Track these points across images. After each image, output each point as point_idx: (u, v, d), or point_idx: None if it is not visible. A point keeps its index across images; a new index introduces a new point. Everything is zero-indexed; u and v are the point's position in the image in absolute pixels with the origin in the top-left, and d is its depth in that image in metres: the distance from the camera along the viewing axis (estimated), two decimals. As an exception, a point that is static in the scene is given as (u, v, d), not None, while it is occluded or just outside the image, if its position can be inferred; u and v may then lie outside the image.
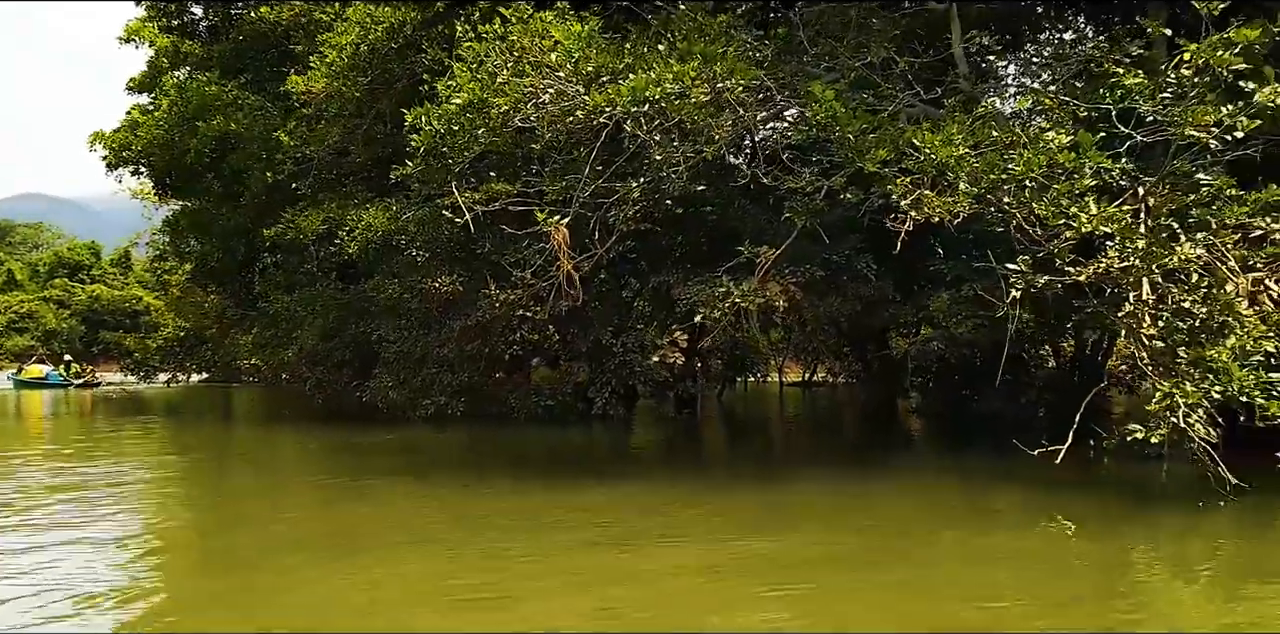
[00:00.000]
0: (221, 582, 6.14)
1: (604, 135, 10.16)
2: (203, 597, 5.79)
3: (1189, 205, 8.92)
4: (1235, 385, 7.26)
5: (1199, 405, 7.42)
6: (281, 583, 5.93)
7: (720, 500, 9.42)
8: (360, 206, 15.97)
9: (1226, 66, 8.60)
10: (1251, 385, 7.23)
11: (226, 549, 7.28)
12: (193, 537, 8.02)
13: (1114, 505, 8.37)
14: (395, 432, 16.29)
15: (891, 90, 11.49)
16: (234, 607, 5.40)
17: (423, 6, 15.49)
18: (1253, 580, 5.94)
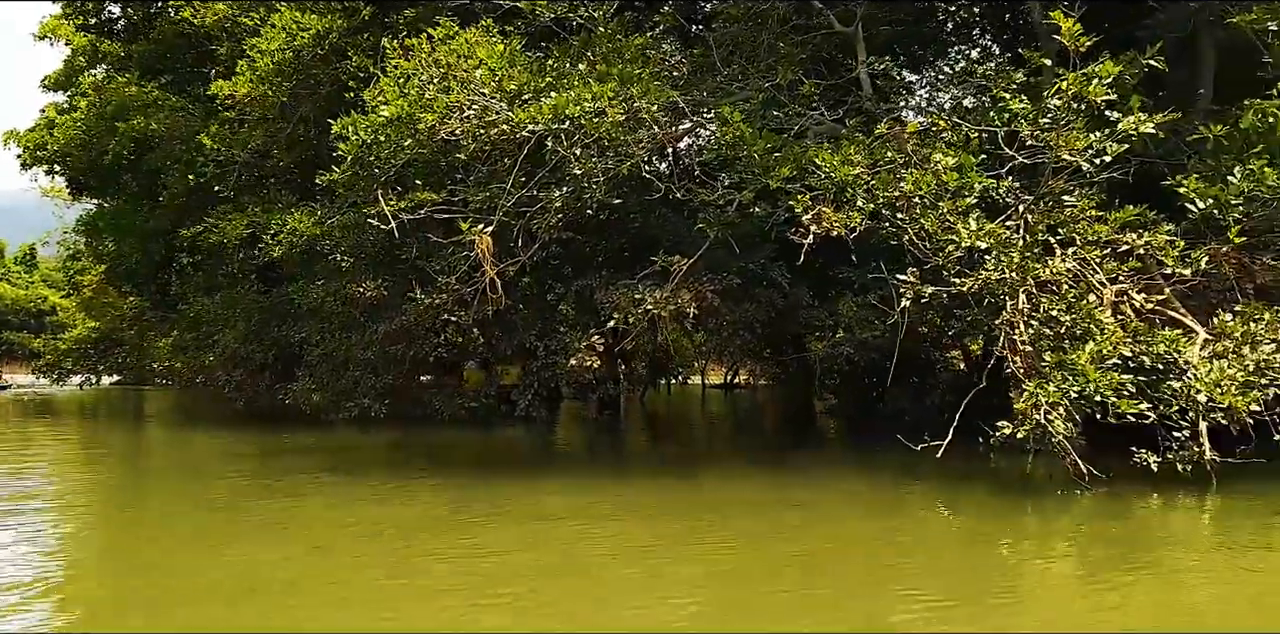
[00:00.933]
0: (123, 580, 6.33)
1: (526, 148, 10.76)
2: (105, 595, 5.98)
3: (1060, 223, 9.88)
4: (1091, 386, 8.21)
5: (1059, 404, 8.36)
6: (178, 582, 6.11)
7: (633, 494, 10.10)
8: (284, 210, 16.24)
9: (1095, 97, 9.58)
10: (1105, 386, 8.19)
11: (131, 548, 7.48)
12: (101, 536, 8.19)
13: (986, 495, 9.26)
14: (317, 434, 16.60)
15: (799, 110, 12.34)
16: (132, 605, 5.61)
17: (348, 15, 15.89)
18: (1098, 560, 6.81)
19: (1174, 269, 9.55)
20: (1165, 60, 13.35)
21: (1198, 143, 11.05)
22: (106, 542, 7.98)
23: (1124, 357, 8.66)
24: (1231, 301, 10.27)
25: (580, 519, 8.38)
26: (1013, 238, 9.92)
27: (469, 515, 8.59)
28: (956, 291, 9.84)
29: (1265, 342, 8.94)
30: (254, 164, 17.39)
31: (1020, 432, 8.46)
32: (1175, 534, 7.83)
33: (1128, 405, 8.20)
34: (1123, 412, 8.19)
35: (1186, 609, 5.37)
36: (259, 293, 18.90)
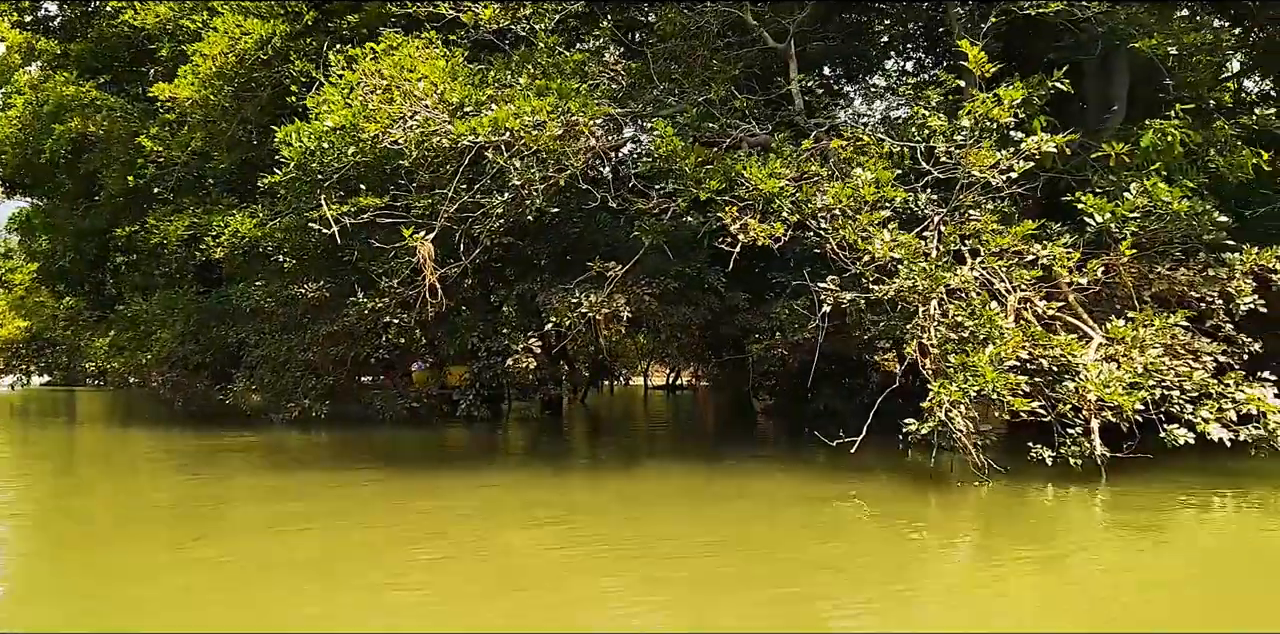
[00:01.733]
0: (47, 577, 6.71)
1: (468, 157, 11.27)
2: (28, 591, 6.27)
3: (969, 234, 10.69)
4: (989, 386, 9.00)
5: (960, 402, 9.14)
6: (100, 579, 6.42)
7: (569, 489, 10.70)
8: (225, 212, 16.52)
9: (1000, 119, 10.40)
10: (1001, 386, 8.98)
11: (55, 545, 7.82)
12: (28, 535, 8.55)
13: (896, 488, 10.02)
14: (257, 434, 16.91)
15: (733, 122, 13.02)
16: (50, 602, 5.90)
17: (291, 19, 16.21)
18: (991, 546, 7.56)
19: (1071, 279, 10.39)
20: (1086, 79, 14.45)
21: (1103, 159, 11.97)
22: (40, 546, 8.31)
23: (1022, 359, 9.48)
24: (1131, 308, 11.19)
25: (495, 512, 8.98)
26: (926, 248, 10.71)
27: (397, 510, 9.13)
28: (875, 298, 10.62)
29: (1153, 346, 9.82)
30: (194, 165, 17.61)
31: (924, 428, 9.24)
32: (1066, 523, 8.64)
33: (1020, 403, 9.02)
34: (1015, 409, 9.01)
35: (1074, 593, 6.06)
36: (198, 293, 19.11)
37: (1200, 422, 9.56)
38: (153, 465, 13.79)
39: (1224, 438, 9.52)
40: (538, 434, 17.98)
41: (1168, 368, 9.83)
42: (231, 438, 16.46)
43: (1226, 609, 5.55)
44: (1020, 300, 10.51)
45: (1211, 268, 11.29)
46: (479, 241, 12.82)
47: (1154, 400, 9.62)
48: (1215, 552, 7.39)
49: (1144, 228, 10.92)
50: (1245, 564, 6.88)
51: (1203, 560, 7.12)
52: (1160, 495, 9.27)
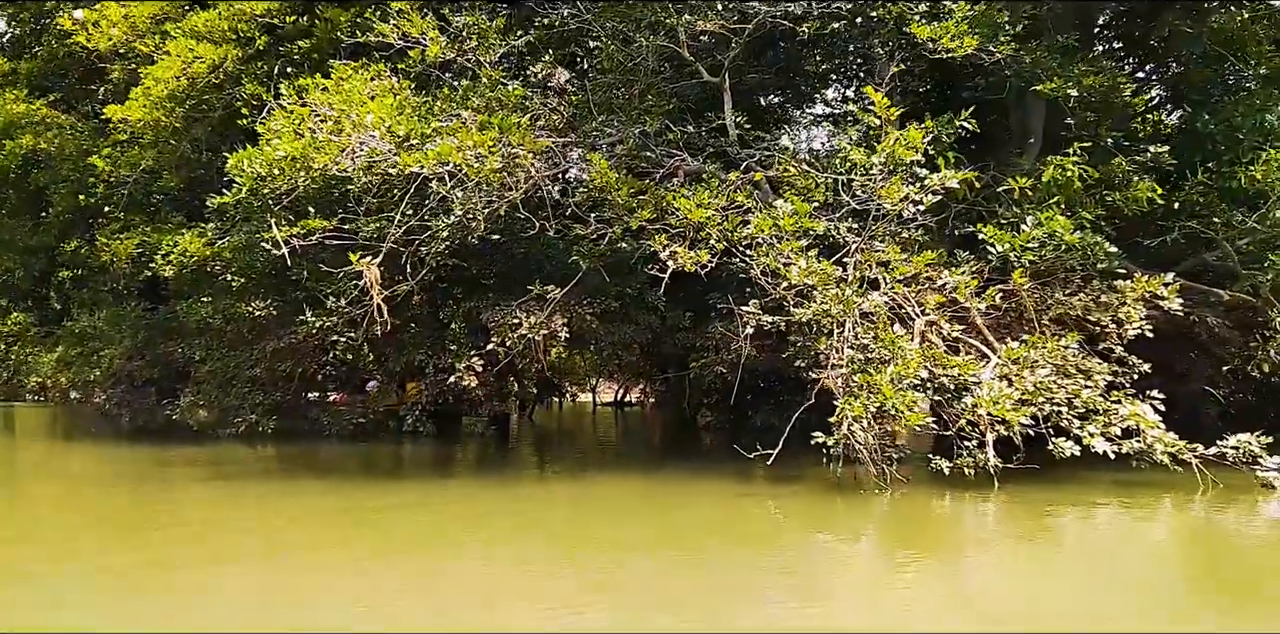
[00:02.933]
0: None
1: (414, 184, 12.13)
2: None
3: (880, 262, 11.75)
4: (888, 402, 10.03)
5: (861, 418, 10.16)
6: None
7: (508, 501, 11.54)
8: (174, 230, 17.16)
9: (906, 158, 11.49)
10: (899, 402, 10.02)
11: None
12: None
13: (812, 496, 11.01)
14: (204, 448, 17.48)
15: (669, 152, 14.00)
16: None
17: (243, 44, 16.97)
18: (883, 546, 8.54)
19: (971, 304, 11.49)
20: (1010, 114, 15.66)
21: (1010, 191, 13.15)
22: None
23: (923, 378, 10.53)
24: (1033, 330, 12.33)
25: (432, 518, 9.81)
26: (842, 274, 11.75)
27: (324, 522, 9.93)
28: (794, 320, 11.63)
29: (1042, 366, 10.93)
30: (143, 183, 18.22)
31: (830, 441, 10.26)
32: (959, 527, 9.67)
33: (916, 418, 10.06)
34: (910, 423, 10.06)
35: (968, 591, 6.99)
36: (145, 310, 19.65)
37: (1087, 435, 10.67)
38: (95, 477, 14.40)
39: (1108, 451, 10.63)
40: (480, 449, 18.73)
41: (1058, 386, 10.94)
42: (177, 452, 17.04)
43: (1110, 605, 6.33)
44: (927, 323, 11.58)
45: (1104, 294, 12.48)
46: (425, 262, 13.66)
47: (1045, 416, 10.73)
48: (1098, 553, 8.36)
49: (1041, 257, 12.09)
50: (1126, 564, 7.85)
51: (1088, 561, 8.03)
52: (1047, 503, 10.33)
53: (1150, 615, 6.15)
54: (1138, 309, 12.13)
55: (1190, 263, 14.99)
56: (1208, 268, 14.90)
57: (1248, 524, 9.85)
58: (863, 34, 15.00)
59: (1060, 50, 13.75)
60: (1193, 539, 9.27)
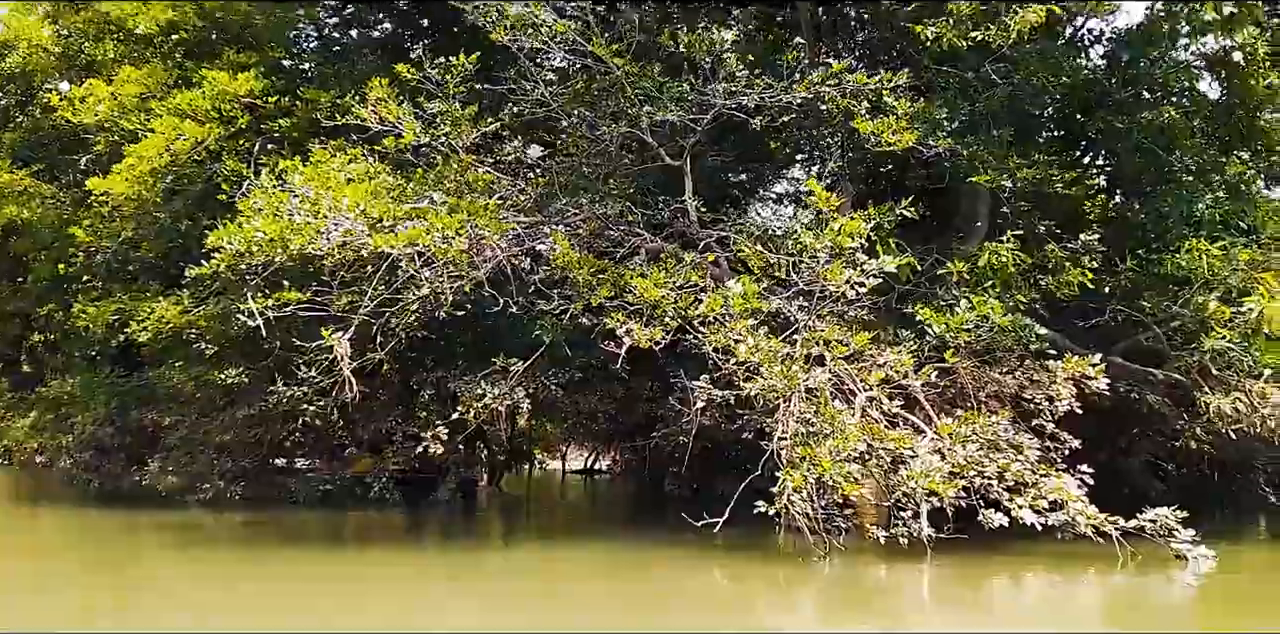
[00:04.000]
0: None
1: (385, 263, 13.03)
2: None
3: (824, 340, 12.68)
4: (827, 473, 10.87)
5: (801, 488, 10.98)
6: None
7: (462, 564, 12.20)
8: (152, 298, 17.93)
9: (845, 245, 12.51)
10: (836, 474, 10.85)
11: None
12: None
13: (756, 562, 11.75)
14: (171, 514, 17.98)
15: (632, 231, 15.00)
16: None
17: (226, 122, 17.99)
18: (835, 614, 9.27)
19: (908, 381, 12.42)
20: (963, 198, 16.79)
21: (949, 275, 14.21)
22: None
23: (861, 451, 11.39)
24: (972, 406, 13.26)
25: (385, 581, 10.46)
26: (789, 351, 12.66)
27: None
28: (743, 395, 12.50)
29: (973, 441, 11.81)
30: (123, 253, 19.04)
31: (771, 510, 11.06)
32: (892, 591, 10.44)
33: (851, 488, 10.90)
34: (845, 493, 10.89)
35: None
36: (118, 376, 20.29)
37: (1015, 508, 11.51)
38: (61, 542, 14.92)
39: (1035, 522, 11.46)
40: (445, 517, 19.30)
41: (989, 460, 11.82)
42: (145, 518, 17.55)
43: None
44: (868, 399, 12.48)
45: (1037, 373, 13.45)
46: (395, 333, 14.49)
47: (976, 488, 11.58)
48: (1025, 620, 9.15)
49: (977, 338, 13.10)
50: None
51: (1016, 627, 8.81)
52: (978, 572, 11.13)
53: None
54: (1067, 387, 13.05)
55: (1129, 343, 16.06)
56: (1143, 348, 15.95)
57: (1163, 592, 10.67)
58: (814, 124, 16.16)
59: (996, 144, 14.95)
60: (1113, 606, 10.10)
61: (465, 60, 14.23)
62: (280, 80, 18.79)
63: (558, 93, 15.49)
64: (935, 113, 14.78)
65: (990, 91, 15.19)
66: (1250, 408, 14.09)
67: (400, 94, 14.89)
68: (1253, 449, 17.00)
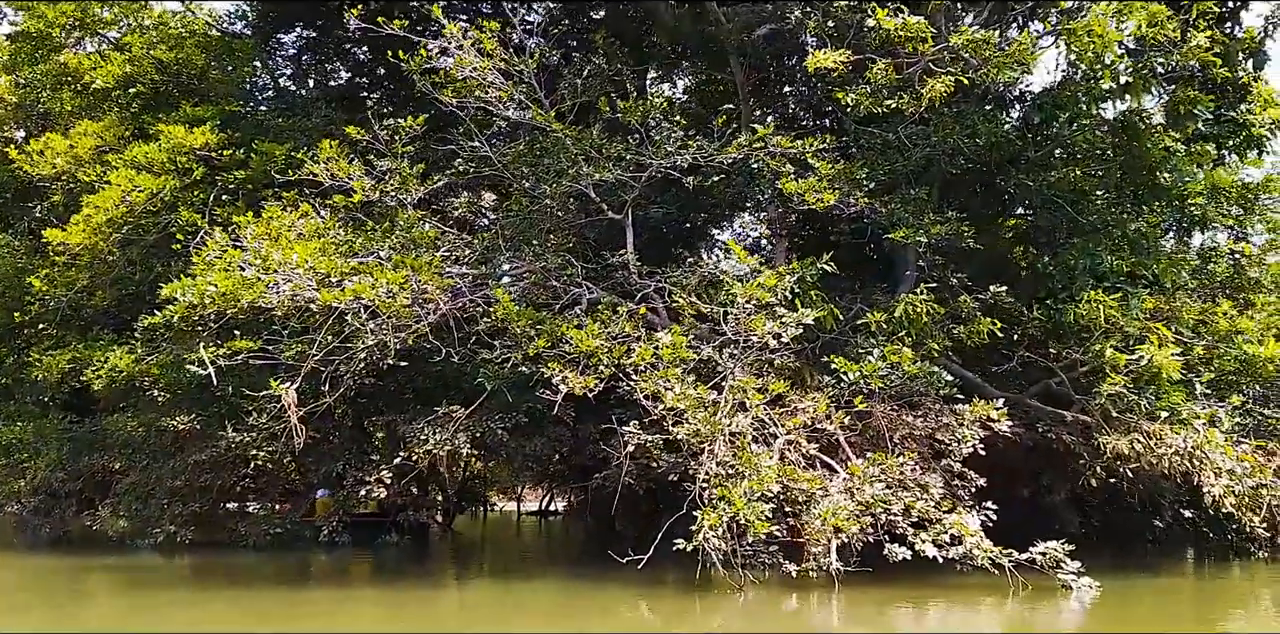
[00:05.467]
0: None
1: (332, 316, 14.13)
2: None
3: (744, 388, 13.93)
4: (740, 513, 12.05)
5: (716, 526, 12.14)
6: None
7: (405, 605, 13.20)
8: (105, 347, 18.84)
9: (764, 299, 13.82)
10: (749, 513, 12.03)
11: None
12: None
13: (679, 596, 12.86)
14: (120, 558, 18.74)
15: (572, 282, 16.22)
16: None
17: (181, 174, 19.08)
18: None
19: (823, 425, 13.69)
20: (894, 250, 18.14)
21: (865, 325, 15.57)
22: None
23: (774, 491, 12.59)
24: (886, 448, 14.53)
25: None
26: (716, 398, 13.88)
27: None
28: (670, 439, 13.70)
29: (880, 480, 13.07)
30: (77, 302, 19.96)
31: (688, 546, 12.21)
32: (803, 619, 11.59)
33: (762, 527, 12.06)
34: (757, 531, 12.07)
35: None
36: (70, 422, 21.09)
37: (919, 542, 12.75)
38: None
39: (936, 555, 12.71)
40: (392, 560, 20.15)
41: (896, 498, 13.06)
42: (95, 562, 18.32)
43: None
44: (786, 442, 13.73)
45: (945, 416, 14.78)
46: (344, 381, 15.54)
47: (882, 525, 12.82)
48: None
49: (888, 383, 14.43)
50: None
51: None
52: (883, 601, 12.33)
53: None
54: (974, 430, 14.37)
55: (1040, 386, 17.49)
56: (1054, 391, 17.36)
57: (1053, 618, 11.92)
58: (745, 182, 17.55)
59: (913, 202, 16.41)
60: (1007, 629, 11.37)
61: (412, 122, 15.51)
62: (235, 133, 19.90)
63: (502, 153, 16.75)
64: (856, 173, 16.24)
65: (910, 152, 16.71)
66: (1147, 448, 15.45)
67: (351, 152, 16.10)
68: (1161, 487, 18.35)
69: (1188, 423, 15.65)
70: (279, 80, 26.00)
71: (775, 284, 13.68)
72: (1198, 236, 22.98)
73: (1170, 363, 15.09)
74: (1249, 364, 17.37)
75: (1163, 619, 12.06)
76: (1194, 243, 22.76)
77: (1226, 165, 21.04)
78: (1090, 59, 15.84)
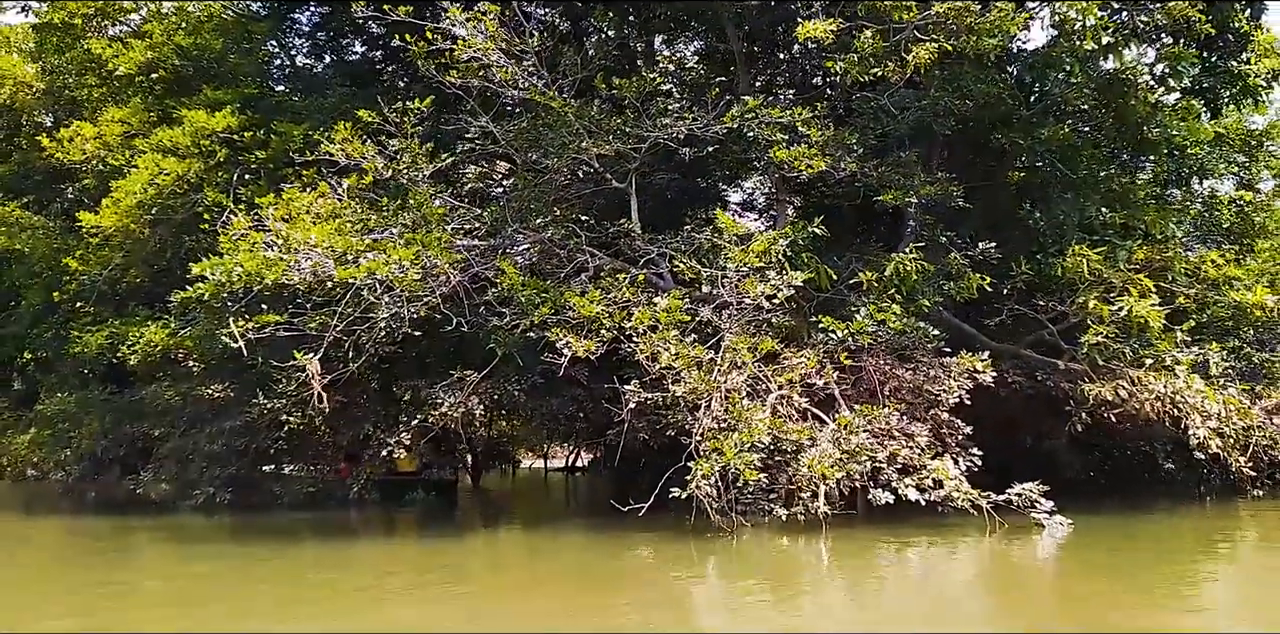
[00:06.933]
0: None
1: (351, 289, 15.32)
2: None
3: (741, 346, 15.01)
4: (731, 462, 13.21)
5: (710, 475, 13.31)
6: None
7: (430, 554, 14.56)
8: (141, 322, 20.25)
9: (753, 264, 14.84)
10: (739, 463, 13.18)
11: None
12: None
13: (679, 540, 14.06)
14: (166, 519, 20.30)
15: (576, 251, 17.29)
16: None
17: (205, 157, 20.30)
18: (746, 581, 11.58)
19: (813, 379, 14.79)
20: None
21: (859, 284, 16.57)
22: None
23: (764, 442, 13.73)
24: (878, 402, 15.59)
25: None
26: (713, 357, 14.98)
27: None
28: (670, 397, 14.83)
29: (860, 432, 14.17)
30: (112, 280, 21.39)
31: (683, 494, 13.39)
32: (796, 561, 12.81)
33: (750, 475, 13.22)
34: (747, 480, 13.23)
35: (805, 608, 9.96)
36: (111, 393, 22.65)
37: (901, 486, 13.89)
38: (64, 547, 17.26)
39: (919, 499, 13.84)
40: (420, 517, 21.55)
41: (881, 446, 14.18)
42: (139, 523, 19.88)
43: (921, 614, 9.28)
44: (779, 397, 14.85)
45: (934, 369, 15.81)
46: (366, 349, 16.76)
47: (868, 471, 13.96)
48: (909, 578, 11.50)
49: (877, 339, 15.47)
50: (932, 585, 11.02)
51: (902, 584, 11.12)
52: (868, 542, 13.53)
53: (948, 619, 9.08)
54: (961, 381, 15.41)
55: (1035, 337, 18.48)
56: (1047, 341, 18.33)
57: (1026, 554, 13.04)
58: (742, 150, 18.46)
59: (903, 165, 17.29)
60: (980, 564, 12.54)
61: (420, 104, 16.52)
62: (255, 114, 21.03)
63: (506, 129, 17.74)
64: (847, 138, 17.13)
65: (901, 115, 17.54)
66: (1131, 394, 16.43)
67: (365, 133, 17.13)
68: (1152, 432, 19.26)
69: (1172, 369, 16.59)
70: (295, 59, 27.05)
71: (763, 249, 14.65)
72: (1207, 185, 23.76)
73: (1151, 312, 16.01)
74: (1240, 310, 18.25)
75: (1122, 554, 13.10)
76: (1207, 192, 23.53)
77: (1225, 115, 21.66)
78: (1072, 19, 16.60)
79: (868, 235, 19.88)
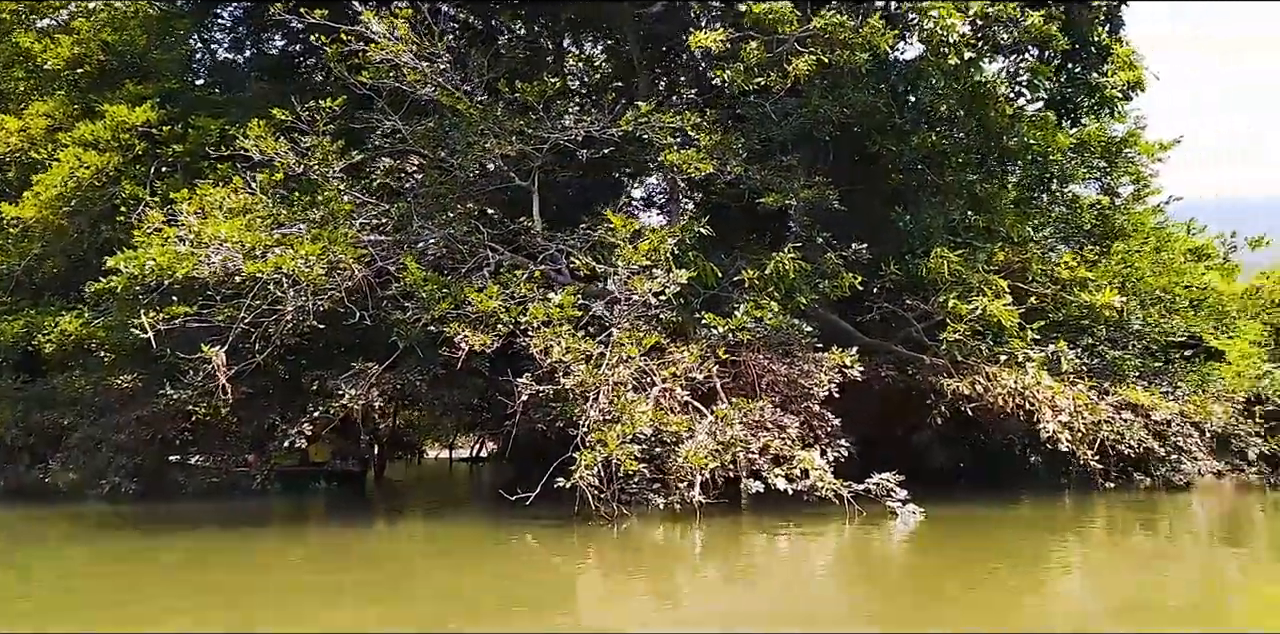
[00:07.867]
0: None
1: (259, 283, 15.94)
2: None
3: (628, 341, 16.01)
4: (614, 453, 14.19)
5: (594, 466, 14.28)
6: None
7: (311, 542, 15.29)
8: (56, 312, 20.54)
9: (639, 261, 15.84)
10: (620, 454, 14.17)
11: None
12: None
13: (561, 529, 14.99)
14: (70, 508, 20.57)
15: (482, 243, 18.10)
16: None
17: (124, 150, 20.61)
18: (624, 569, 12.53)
19: (693, 374, 15.86)
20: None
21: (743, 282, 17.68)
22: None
23: (646, 433, 14.75)
24: (753, 395, 16.71)
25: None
26: (603, 351, 15.93)
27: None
28: (559, 389, 15.74)
29: (735, 424, 15.27)
30: (30, 270, 21.65)
31: (569, 483, 14.35)
32: (669, 549, 13.87)
33: (631, 465, 14.20)
34: (626, 470, 14.23)
35: (675, 594, 10.71)
36: (23, 381, 22.83)
37: (772, 477, 15.03)
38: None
39: (787, 488, 15.01)
40: (322, 506, 22.10)
41: (755, 438, 15.31)
42: (46, 513, 20.15)
43: (788, 602, 9.93)
44: (662, 390, 15.89)
45: (808, 364, 17.00)
46: (272, 341, 17.34)
47: (741, 463, 15.08)
48: (777, 563, 12.57)
49: (755, 335, 16.59)
50: (800, 569, 12.08)
51: (770, 569, 12.19)
52: (740, 530, 14.68)
53: (808, 609, 9.69)
54: (830, 375, 16.61)
55: (904, 334, 19.83)
56: (914, 339, 19.69)
57: (881, 539, 14.31)
58: (637, 152, 19.47)
59: (784, 169, 18.47)
60: (841, 550, 13.76)
61: (332, 103, 17.16)
62: (175, 108, 21.34)
63: (413, 129, 18.48)
64: (733, 143, 18.24)
65: (784, 122, 18.71)
66: (985, 389, 17.85)
67: (279, 130, 17.67)
68: (1012, 426, 20.74)
69: (1023, 366, 18.06)
70: (217, 53, 27.32)
71: (651, 248, 15.66)
72: (1075, 190, 25.49)
73: (1004, 312, 17.42)
74: (1092, 310, 19.82)
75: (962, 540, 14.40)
76: (1068, 197, 25.23)
77: (1086, 124, 23.35)
78: (939, 35, 17.92)
79: (756, 235, 21.01)
